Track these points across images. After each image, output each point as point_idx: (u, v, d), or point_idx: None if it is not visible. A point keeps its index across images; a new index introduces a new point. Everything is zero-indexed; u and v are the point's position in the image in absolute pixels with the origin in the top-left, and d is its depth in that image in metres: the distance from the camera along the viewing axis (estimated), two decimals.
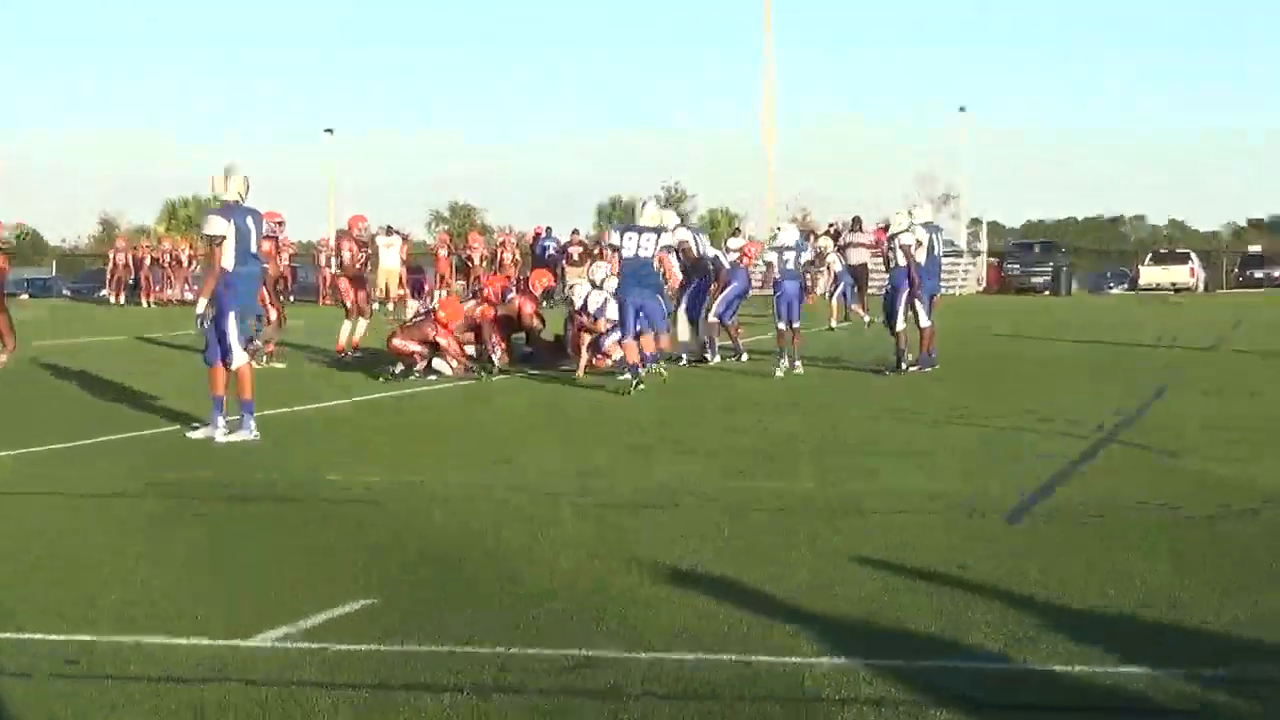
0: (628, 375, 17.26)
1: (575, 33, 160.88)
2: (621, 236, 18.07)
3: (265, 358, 20.72)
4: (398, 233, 39.89)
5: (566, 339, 21.13)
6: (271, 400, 15.05)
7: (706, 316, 21.59)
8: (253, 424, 12.98)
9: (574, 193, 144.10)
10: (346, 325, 22.66)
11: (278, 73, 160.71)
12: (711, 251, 22.39)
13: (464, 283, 40.22)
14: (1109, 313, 38.08)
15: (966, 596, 7.03)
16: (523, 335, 21.71)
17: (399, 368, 19.19)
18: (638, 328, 17.67)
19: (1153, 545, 8.13)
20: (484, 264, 42.23)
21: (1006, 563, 7.73)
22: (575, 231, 44.14)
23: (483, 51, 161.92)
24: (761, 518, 9.09)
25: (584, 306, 19.65)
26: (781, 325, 20.07)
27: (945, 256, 21.06)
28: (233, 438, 12.84)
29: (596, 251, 41.02)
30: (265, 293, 20.14)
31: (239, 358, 13.07)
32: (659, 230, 18.08)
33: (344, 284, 23.02)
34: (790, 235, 20.90)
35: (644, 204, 18.47)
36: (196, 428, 13.35)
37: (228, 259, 12.92)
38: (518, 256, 43.06)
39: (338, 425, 14.32)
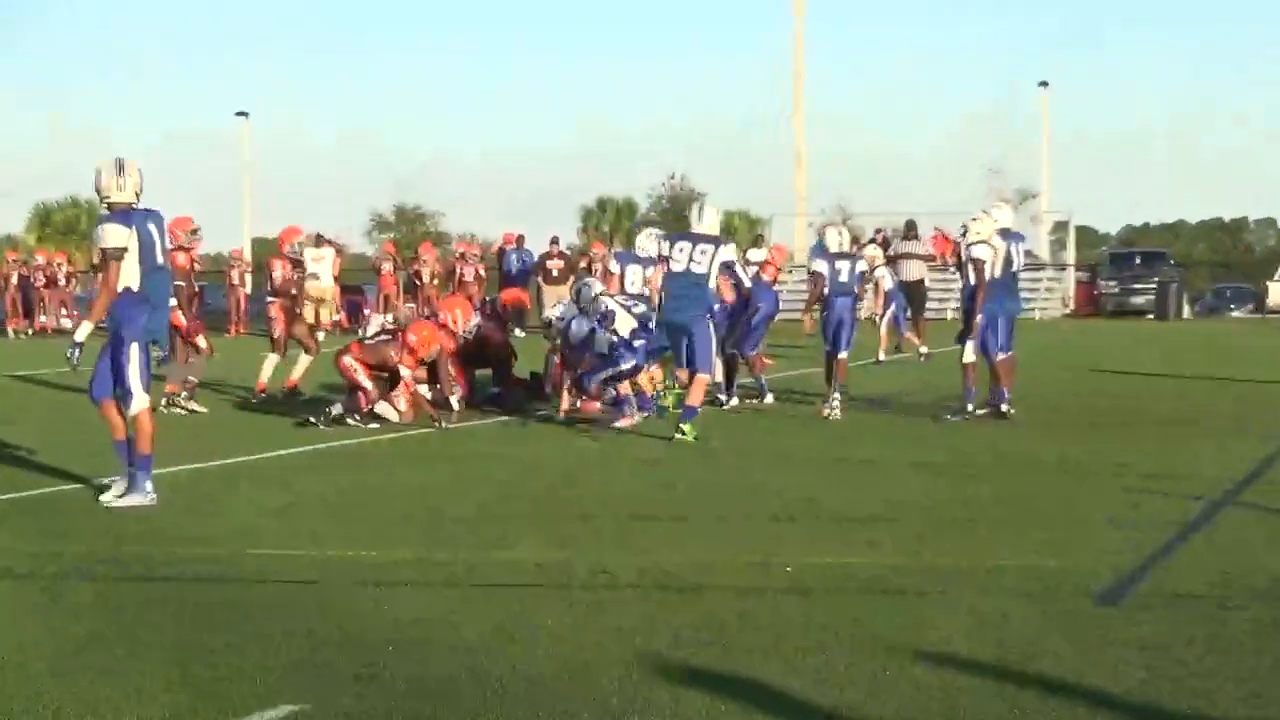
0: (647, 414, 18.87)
1: None
2: (672, 245, 18.41)
3: (184, 397, 20.82)
4: (330, 243, 40.04)
5: (545, 375, 21.22)
6: (177, 454, 15.10)
7: (732, 349, 21.53)
8: (149, 485, 13.06)
9: (552, 193, 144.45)
10: (270, 359, 22.78)
11: (174, 39, 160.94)
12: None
13: (413, 305, 40.35)
14: (1229, 340, 38.19)
15: (1047, 698, 7.10)
16: (489, 371, 21.78)
17: (335, 409, 19.20)
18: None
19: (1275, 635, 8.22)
20: (437, 282, 42.31)
21: (1099, 655, 7.81)
22: (554, 241, 44.36)
23: (432, 13, 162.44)
24: (787, 601, 9.16)
25: (565, 336, 19.61)
26: (830, 350, 20.47)
27: (1024, 270, 21.03)
28: (125, 501, 12.91)
29: (583, 265, 41.20)
30: (182, 318, 20.33)
31: (139, 400, 13.09)
32: (718, 241, 18.36)
33: (274, 310, 23.14)
34: (841, 239, 21.39)
35: (700, 207, 18.90)
36: (114, 485, 13.34)
37: (130, 276, 12.95)
38: (481, 272, 43.15)
39: (260, 486, 14.38)
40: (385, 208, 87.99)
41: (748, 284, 21.27)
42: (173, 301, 17.02)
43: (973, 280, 19.45)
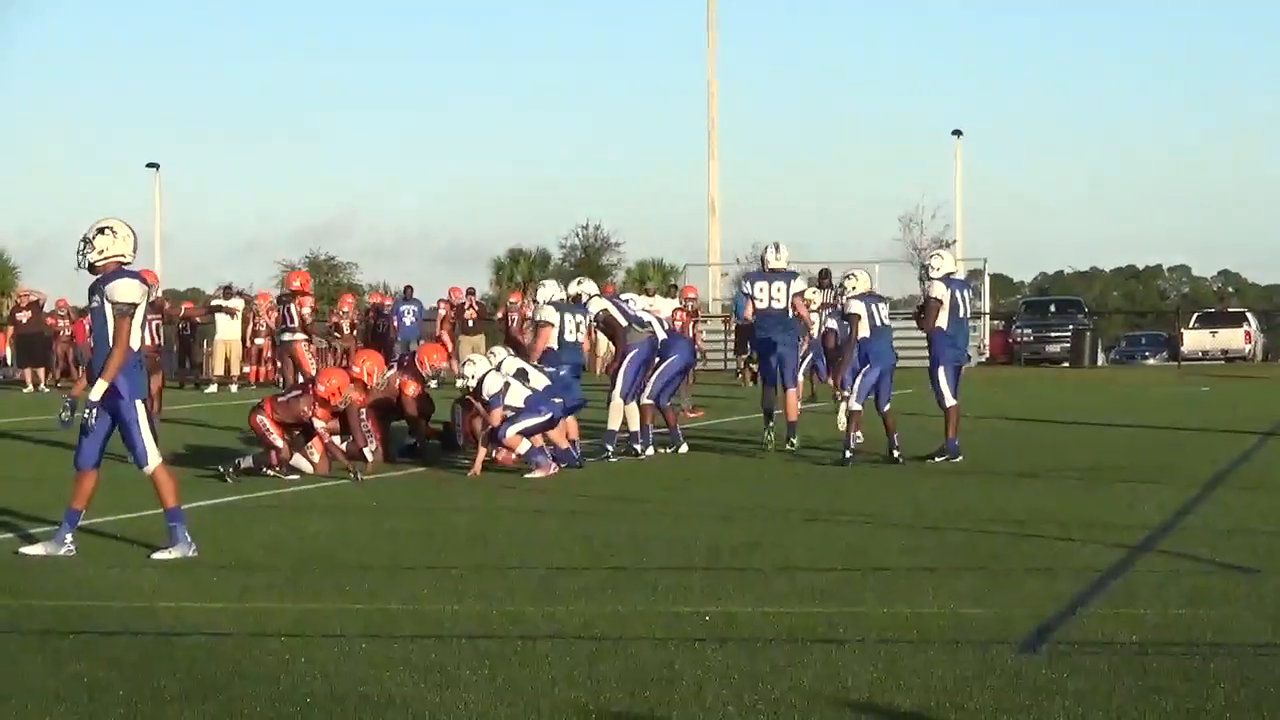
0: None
1: (462, 37, 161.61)
2: (754, 285, 21.77)
3: None
4: (240, 294, 39.91)
5: (455, 427, 21.19)
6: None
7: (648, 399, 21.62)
8: (187, 535, 13.08)
9: (464, 244, 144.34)
10: None
11: (84, 86, 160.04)
12: (645, 317, 22.51)
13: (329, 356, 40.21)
14: (1145, 389, 38.54)
15: None
16: (403, 423, 21.75)
17: (245, 461, 19.11)
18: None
19: (1204, 681, 8.27)
20: (355, 334, 42.30)
21: (1021, 703, 7.84)
22: (470, 292, 44.45)
23: (344, 66, 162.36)
24: (706, 651, 9.15)
25: (479, 390, 19.50)
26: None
27: None
28: (171, 554, 12.92)
29: (499, 316, 41.24)
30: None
31: (153, 458, 13.04)
32: (791, 275, 21.80)
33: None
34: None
35: (774, 247, 21.91)
36: (65, 540, 13.21)
37: (137, 335, 12.90)
38: (355, 320, 43.14)
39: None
40: (297, 258, 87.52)
41: (662, 334, 21.47)
42: None
43: (860, 331, 20.07)
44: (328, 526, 15.07)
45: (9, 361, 47.44)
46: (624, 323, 21.56)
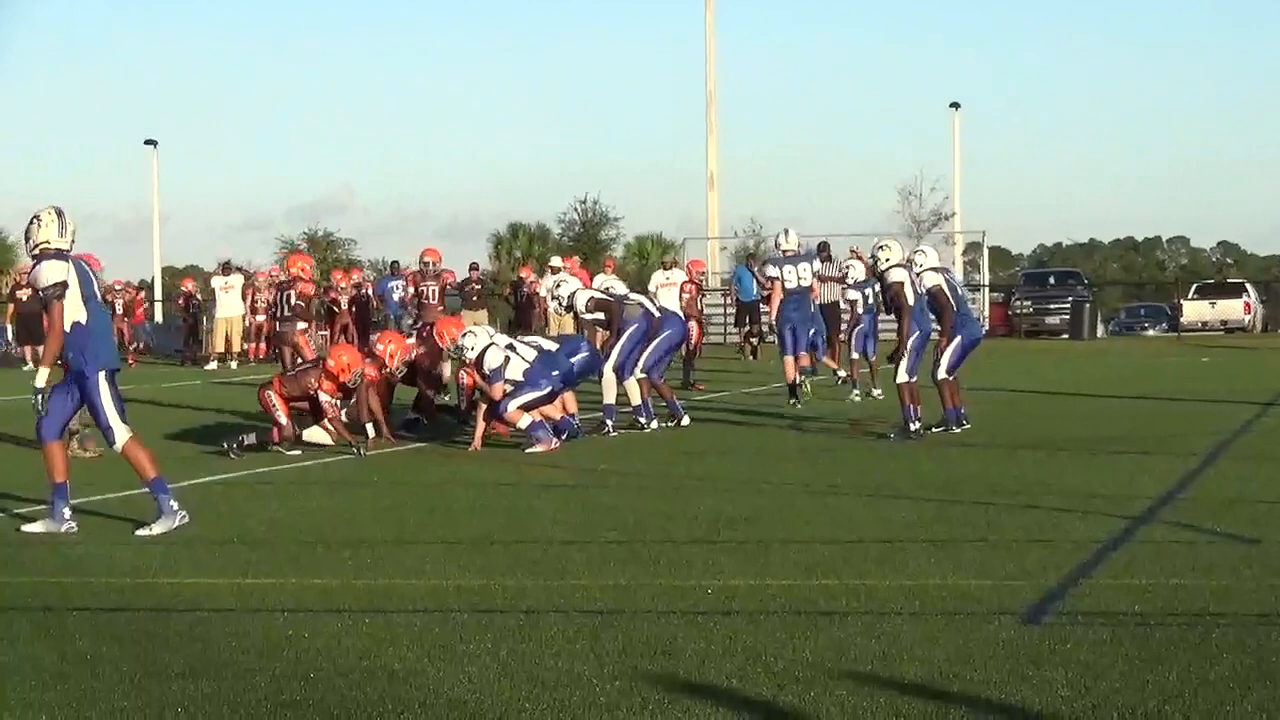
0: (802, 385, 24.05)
1: (459, 12, 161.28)
2: (781, 269, 24.26)
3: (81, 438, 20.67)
4: (239, 270, 39.79)
5: (459, 396, 21.19)
6: (86, 484, 14.97)
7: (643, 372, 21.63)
8: (173, 504, 13.08)
9: (462, 219, 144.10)
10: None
11: (82, 64, 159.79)
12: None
13: (327, 333, 40.19)
14: (1145, 359, 38.53)
15: (971, 716, 7.12)
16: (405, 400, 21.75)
17: (249, 438, 19.12)
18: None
19: (1206, 651, 8.27)
20: (354, 310, 42.19)
21: (1024, 674, 7.84)
22: (474, 267, 44.19)
23: (339, 39, 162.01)
24: (710, 624, 9.15)
25: (480, 363, 19.46)
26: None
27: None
28: (158, 528, 12.91)
29: (506, 291, 41.07)
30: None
31: (120, 434, 13.06)
32: (809, 256, 25.31)
33: None
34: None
35: (785, 233, 24.56)
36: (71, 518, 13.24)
37: (76, 311, 12.88)
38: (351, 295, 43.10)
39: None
40: (295, 234, 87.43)
41: (655, 312, 21.65)
42: None
43: (910, 303, 19.82)
44: (330, 502, 15.07)
45: (10, 338, 47.38)
46: (617, 296, 21.84)
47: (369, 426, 19.76)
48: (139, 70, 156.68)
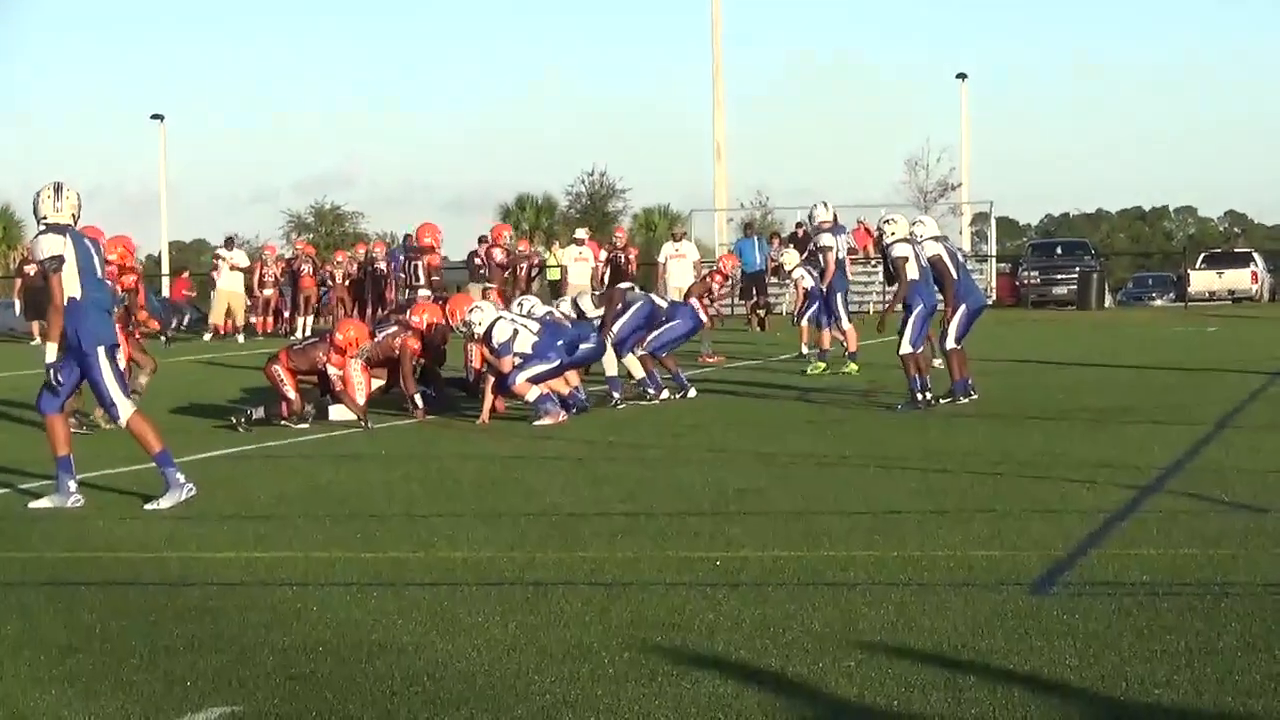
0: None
1: None
2: (836, 239, 26.34)
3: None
4: (242, 245, 39.76)
5: (467, 368, 21.15)
6: (95, 459, 15.03)
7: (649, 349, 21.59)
8: (180, 477, 13.08)
9: (471, 191, 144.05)
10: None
11: (88, 39, 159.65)
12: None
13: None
14: (1152, 329, 38.49)
15: (982, 688, 7.12)
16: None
17: (256, 412, 19.12)
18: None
19: (1214, 621, 8.27)
20: (348, 283, 42.36)
21: (1033, 644, 7.84)
22: (482, 240, 44.01)
23: (345, 16, 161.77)
24: (719, 595, 9.16)
25: (488, 337, 19.35)
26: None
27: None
28: (167, 501, 12.94)
29: (531, 264, 40.90)
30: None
31: (124, 409, 13.11)
32: (844, 228, 27.80)
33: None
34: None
35: (824, 204, 27.12)
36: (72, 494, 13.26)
37: (73, 285, 12.90)
38: (350, 272, 43.06)
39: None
40: (302, 208, 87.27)
41: (663, 304, 21.93)
42: None
43: (911, 275, 19.72)
44: (338, 475, 15.08)
45: (18, 312, 47.39)
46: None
47: (416, 397, 19.75)
48: (146, 45, 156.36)
